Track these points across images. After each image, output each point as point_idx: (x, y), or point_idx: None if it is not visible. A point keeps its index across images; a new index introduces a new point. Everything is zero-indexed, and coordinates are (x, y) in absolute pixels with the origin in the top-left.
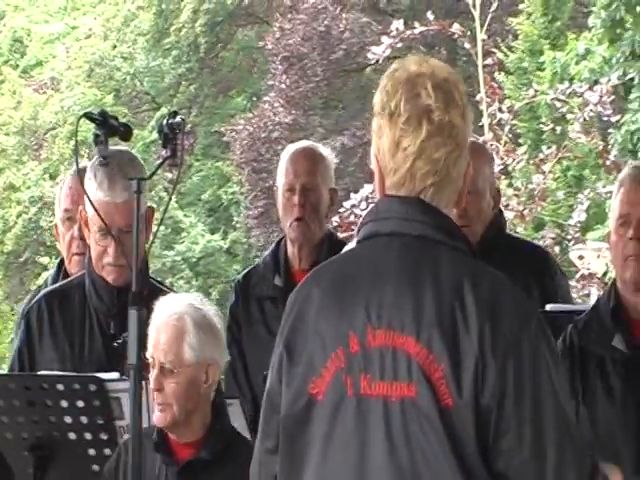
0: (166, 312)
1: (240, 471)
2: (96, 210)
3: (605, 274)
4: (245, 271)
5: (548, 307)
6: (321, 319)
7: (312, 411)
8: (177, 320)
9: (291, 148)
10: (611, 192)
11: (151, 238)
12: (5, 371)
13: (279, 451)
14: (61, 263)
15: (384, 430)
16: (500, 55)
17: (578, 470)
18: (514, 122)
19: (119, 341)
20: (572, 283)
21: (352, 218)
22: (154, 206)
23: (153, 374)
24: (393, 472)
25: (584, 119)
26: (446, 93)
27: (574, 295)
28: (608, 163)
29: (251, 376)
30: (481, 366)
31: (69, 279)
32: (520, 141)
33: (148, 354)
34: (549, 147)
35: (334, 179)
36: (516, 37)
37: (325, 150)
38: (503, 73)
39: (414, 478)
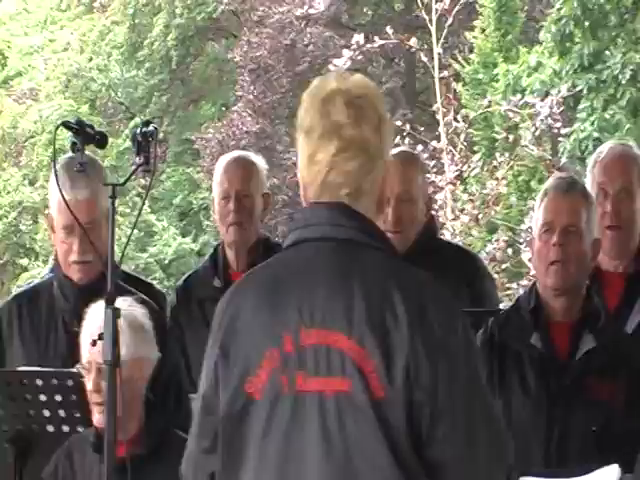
0: (97, 314)
1: (176, 467)
2: (66, 202)
3: None
4: (185, 276)
5: (502, 305)
6: (255, 322)
7: (250, 410)
8: None
9: (224, 159)
10: None
11: (125, 240)
12: None
13: (219, 451)
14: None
15: (319, 424)
16: (457, 66)
17: (505, 462)
18: (470, 130)
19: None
20: (524, 282)
21: None
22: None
23: (91, 377)
24: (329, 465)
25: (535, 127)
26: (358, 109)
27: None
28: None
29: (194, 374)
30: (413, 363)
31: (40, 280)
32: (475, 149)
33: (84, 359)
34: (502, 154)
35: (266, 184)
36: (472, 50)
37: (256, 157)
38: (460, 84)
39: (350, 470)
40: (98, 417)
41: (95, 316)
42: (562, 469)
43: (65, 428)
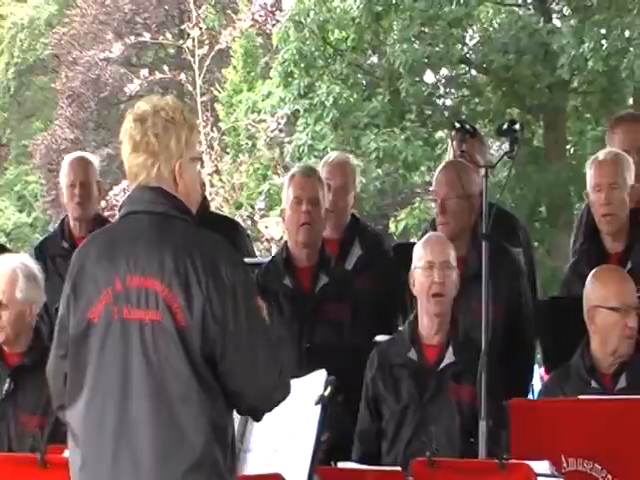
0: (1, 266)
1: None
2: None
3: (281, 238)
4: (39, 241)
5: (247, 260)
6: (96, 268)
7: (90, 331)
8: (12, 270)
9: (69, 157)
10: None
11: None
12: None
13: (68, 358)
14: None
15: (140, 343)
16: (216, 93)
17: (277, 365)
18: (223, 138)
19: None
20: (260, 245)
21: (114, 202)
22: None
23: None
24: (147, 371)
25: (268, 137)
26: (164, 124)
27: (259, 253)
28: (279, 171)
29: (49, 309)
30: (208, 302)
31: None
32: (227, 151)
33: None
34: (244, 155)
35: (99, 175)
36: (225, 82)
37: (91, 156)
38: (219, 105)
39: (161, 375)
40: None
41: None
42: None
43: None
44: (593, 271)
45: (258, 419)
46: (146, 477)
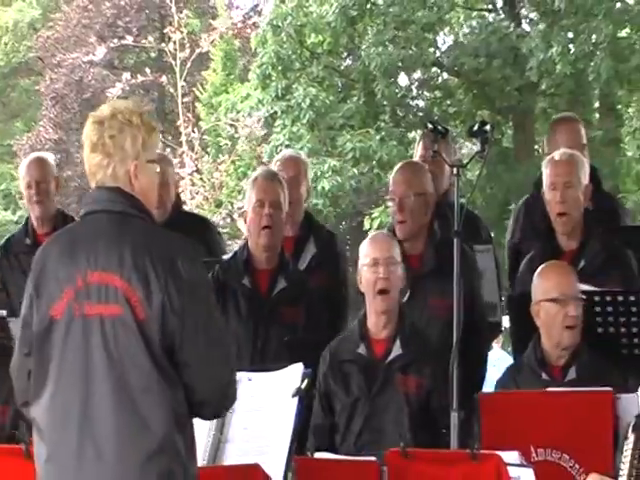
0: None
1: None
2: None
3: None
4: (5, 239)
5: (225, 257)
6: (58, 267)
7: (53, 327)
8: None
9: (26, 160)
10: None
11: None
12: None
13: (32, 355)
14: None
15: (101, 337)
16: (198, 93)
17: (230, 363)
18: (204, 138)
19: None
20: (240, 243)
21: None
22: None
23: None
24: (109, 365)
25: (246, 137)
26: (120, 126)
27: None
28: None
29: (13, 303)
30: (166, 296)
31: None
32: (207, 150)
33: None
34: (224, 155)
35: (55, 171)
36: (206, 84)
37: (47, 154)
38: (200, 105)
39: (122, 368)
40: None
41: None
42: (263, 366)
43: None
44: (538, 269)
45: (205, 417)
46: (109, 467)
